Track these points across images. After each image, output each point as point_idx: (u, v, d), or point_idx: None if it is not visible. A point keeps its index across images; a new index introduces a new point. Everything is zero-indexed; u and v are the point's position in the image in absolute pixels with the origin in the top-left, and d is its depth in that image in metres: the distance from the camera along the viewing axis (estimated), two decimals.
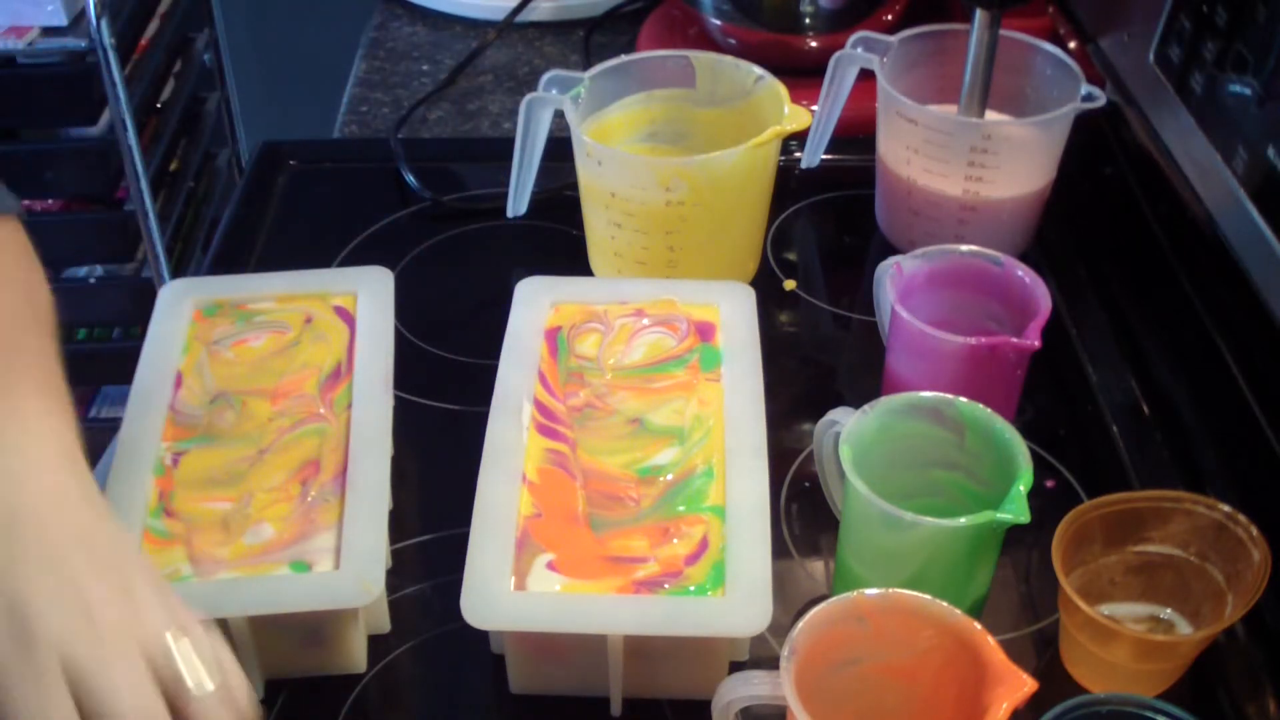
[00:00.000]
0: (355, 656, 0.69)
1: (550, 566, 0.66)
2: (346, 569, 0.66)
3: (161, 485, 0.71)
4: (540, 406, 0.74)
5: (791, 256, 0.98)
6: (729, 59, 0.91)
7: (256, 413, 0.74)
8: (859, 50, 0.92)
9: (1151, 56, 0.83)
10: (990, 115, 0.92)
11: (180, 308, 0.81)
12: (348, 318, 0.80)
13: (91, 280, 1.79)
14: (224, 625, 0.64)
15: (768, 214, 0.91)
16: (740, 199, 0.86)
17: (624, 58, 0.92)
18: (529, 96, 0.88)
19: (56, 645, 0.51)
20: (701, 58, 0.92)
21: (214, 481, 0.71)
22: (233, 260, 0.97)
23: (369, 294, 0.81)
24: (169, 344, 0.78)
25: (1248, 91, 0.72)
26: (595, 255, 0.91)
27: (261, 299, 0.82)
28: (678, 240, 0.86)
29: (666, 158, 0.87)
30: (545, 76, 0.89)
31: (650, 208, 0.84)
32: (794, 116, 0.84)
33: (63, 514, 0.54)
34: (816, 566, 0.76)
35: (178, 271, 1.84)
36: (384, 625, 0.71)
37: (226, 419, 0.74)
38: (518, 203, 0.94)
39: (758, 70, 0.89)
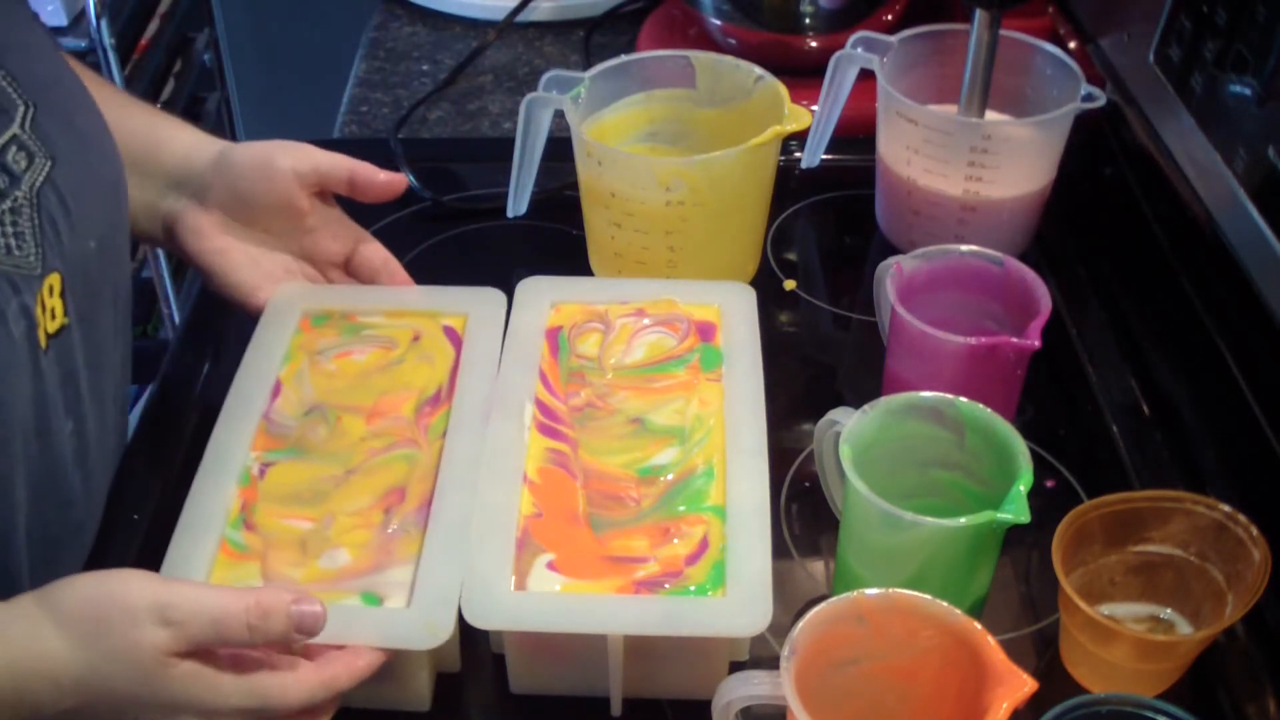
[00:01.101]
0: (420, 694, 0.67)
1: (550, 566, 0.66)
2: (416, 609, 0.64)
3: (245, 496, 0.70)
4: (541, 406, 0.74)
5: (791, 256, 0.98)
6: (729, 59, 0.91)
7: (349, 430, 0.73)
8: (859, 50, 0.92)
9: (1151, 56, 0.83)
10: (990, 115, 0.92)
11: (289, 314, 0.80)
12: (456, 340, 0.79)
13: None
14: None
15: (767, 214, 0.91)
16: (740, 199, 0.86)
17: (624, 58, 0.92)
18: (529, 96, 0.88)
19: None
20: (701, 58, 0.92)
21: (298, 498, 0.70)
22: None
23: (480, 317, 0.80)
24: (273, 350, 0.78)
25: (1248, 91, 0.72)
26: (595, 255, 0.91)
27: (372, 311, 0.81)
28: (678, 240, 0.86)
29: (666, 158, 0.87)
30: (545, 76, 0.89)
31: (650, 207, 0.84)
32: (794, 116, 0.84)
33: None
34: (816, 566, 0.76)
35: (178, 271, 1.84)
36: (454, 665, 0.69)
37: (319, 433, 0.73)
38: (518, 203, 0.94)
39: (758, 70, 0.89)
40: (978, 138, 0.87)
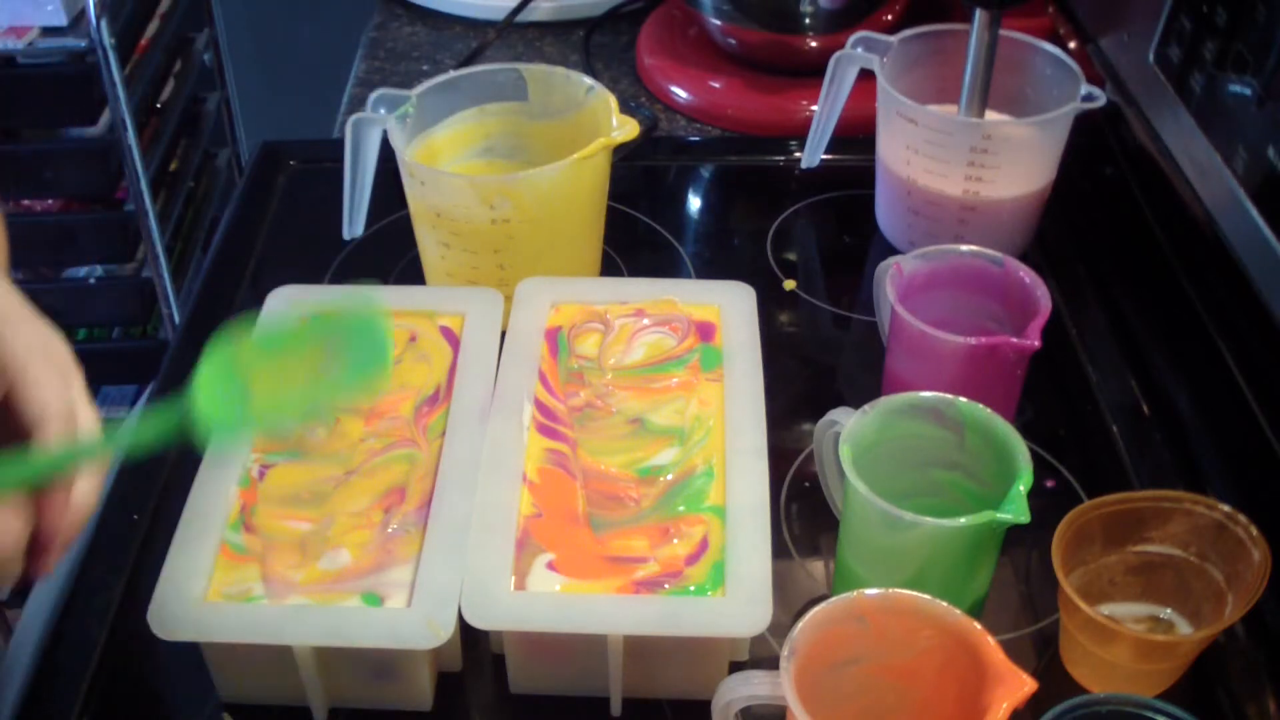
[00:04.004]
0: (422, 693, 0.67)
1: (550, 566, 0.66)
2: (417, 608, 0.64)
3: (245, 498, 0.70)
4: (541, 406, 0.74)
5: (791, 256, 0.98)
6: (560, 70, 0.89)
7: (348, 431, 0.73)
8: (859, 50, 0.92)
9: (1151, 56, 0.83)
10: (990, 115, 0.92)
11: (285, 314, 0.80)
12: (453, 340, 0.79)
13: (91, 280, 1.79)
14: (289, 650, 0.64)
15: (603, 222, 0.90)
16: (570, 212, 0.85)
17: (453, 73, 0.90)
18: (355, 117, 0.85)
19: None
20: (533, 70, 0.90)
21: (297, 500, 0.70)
22: (233, 260, 0.97)
23: (477, 316, 0.80)
24: None
25: (1248, 91, 0.72)
26: (429, 276, 0.90)
27: None
28: (507, 258, 0.84)
29: (488, 175, 0.84)
30: (373, 95, 0.86)
31: (476, 226, 0.82)
32: (623, 127, 0.82)
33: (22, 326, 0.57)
34: (816, 566, 0.76)
35: (178, 272, 1.84)
36: (455, 664, 0.69)
37: (318, 435, 0.73)
38: (354, 225, 0.90)
39: (588, 81, 0.87)
40: (978, 138, 0.87)
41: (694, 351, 0.77)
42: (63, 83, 1.61)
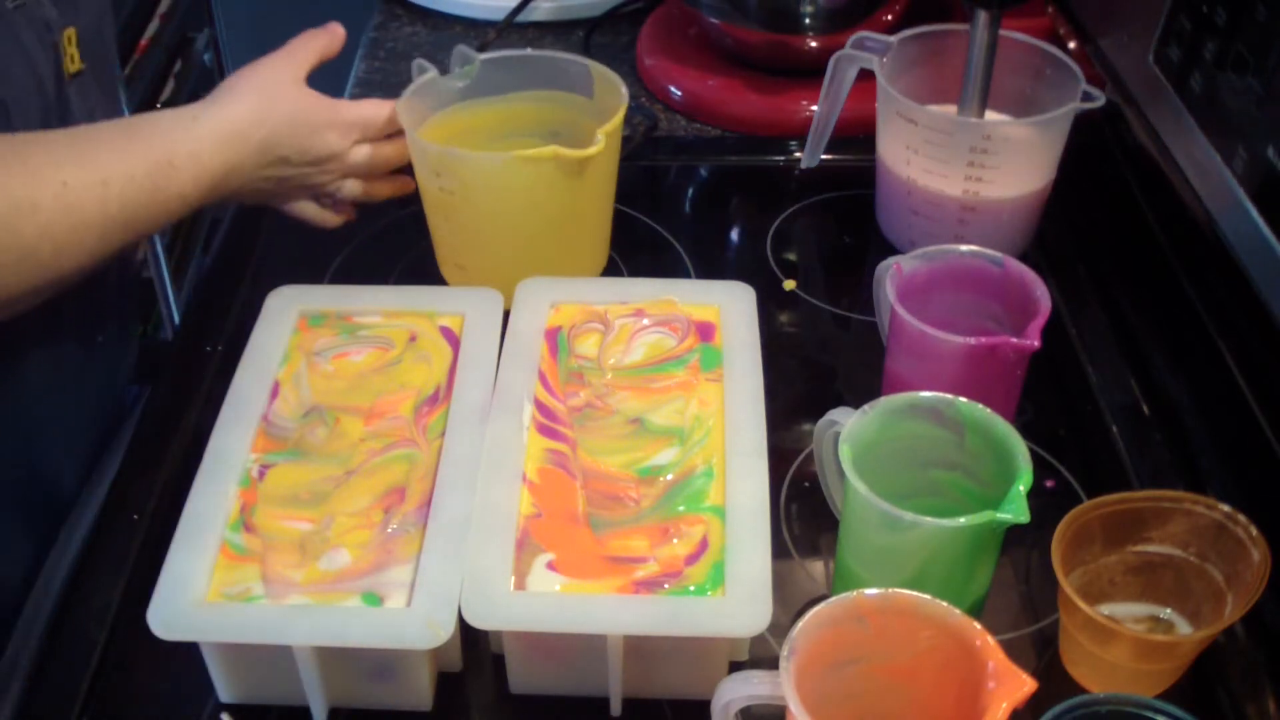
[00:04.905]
0: (422, 694, 0.67)
1: (550, 566, 0.66)
2: (417, 608, 0.64)
3: (245, 498, 0.70)
4: (540, 406, 0.74)
5: (791, 256, 0.98)
6: (615, 76, 0.89)
7: (348, 431, 0.74)
8: (859, 50, 0.92)
9: (1151, 56, 0.83)
10: (990, 115, 0.92)
11: (286, 315, 0.80)
12: (453, 340, 0.79)
13: None
14: (288, 650, 0.64)
15: (594, 230, 0.90)
16: (522, 206, 0.84)
17: (530, 51, 0.93)
18: (417, 60, 0.90)
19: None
20: (597, 68, 0.90)
21: (297, 500, 0.70)
22: (233, 260, 0.97)
23: (477, 317, 0.80)
24: (270, 351, 0.78)
25: (1248, 91, 0.72)
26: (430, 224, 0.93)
27: (368, 312, 0.81)
28: (456, 229, 0.87)
29: (446, 146, 0.85)
30: (457, 48, 0.90)
31: (429, 190, 0.87)
32: (599, 139, 0.82)
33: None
34: (816, 566, 0.76)
35: (178, 271, 1.84)
36: (455, 664, 0.69)
37: (318, 435, 0.73)
38: None
39: (625, 90, 0.87)
40: (978, 138, 0.87)
41: (694, 351, 0.78)
42: None
